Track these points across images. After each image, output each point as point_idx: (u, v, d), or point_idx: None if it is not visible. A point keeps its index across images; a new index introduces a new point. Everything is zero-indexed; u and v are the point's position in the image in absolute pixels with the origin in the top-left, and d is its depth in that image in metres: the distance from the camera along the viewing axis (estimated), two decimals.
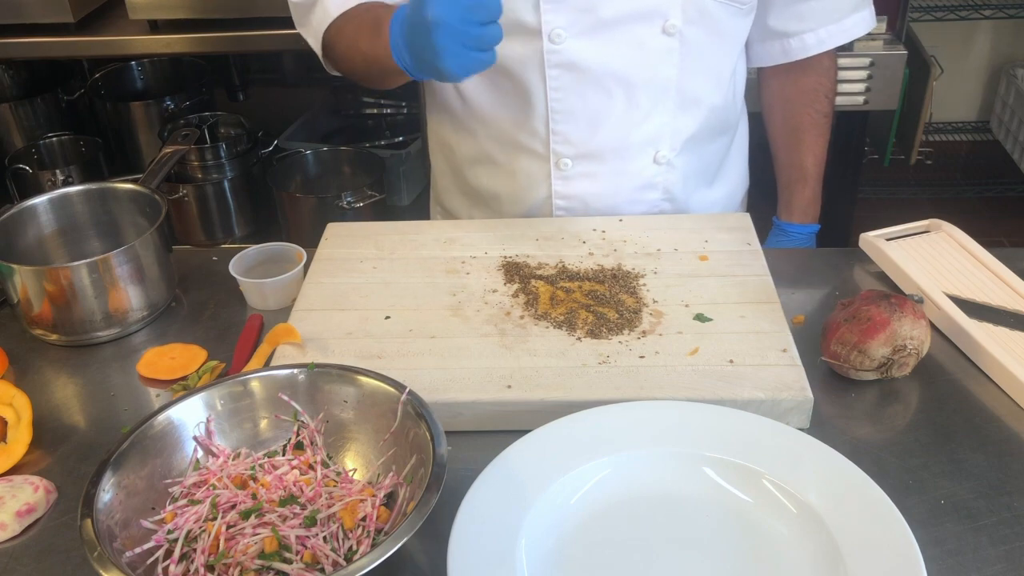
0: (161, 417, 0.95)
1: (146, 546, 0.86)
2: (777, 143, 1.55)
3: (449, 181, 1.53)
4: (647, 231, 1.32)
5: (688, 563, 0.88)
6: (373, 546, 0.85)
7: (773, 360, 1.06)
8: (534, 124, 1.35)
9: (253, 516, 0.88)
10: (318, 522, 0.88)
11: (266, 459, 0.97)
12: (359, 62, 1.27)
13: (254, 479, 0.94)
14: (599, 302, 1.17)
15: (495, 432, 1.01)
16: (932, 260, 1.25)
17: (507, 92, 1.35)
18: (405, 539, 0.80)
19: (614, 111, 1.33)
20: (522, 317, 1.15)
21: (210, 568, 0.85)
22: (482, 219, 1.42)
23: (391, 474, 0.94)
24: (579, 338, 1.11)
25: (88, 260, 1.17)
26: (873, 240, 1.30)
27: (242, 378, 1.00)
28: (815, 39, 1.43)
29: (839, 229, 2.84)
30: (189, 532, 0.88)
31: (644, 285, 1.20)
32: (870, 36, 2.39)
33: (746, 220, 1.34)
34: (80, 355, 1.20)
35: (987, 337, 1.11)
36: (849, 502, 0.89)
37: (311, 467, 0.96)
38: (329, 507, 0.90)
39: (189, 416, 0.97)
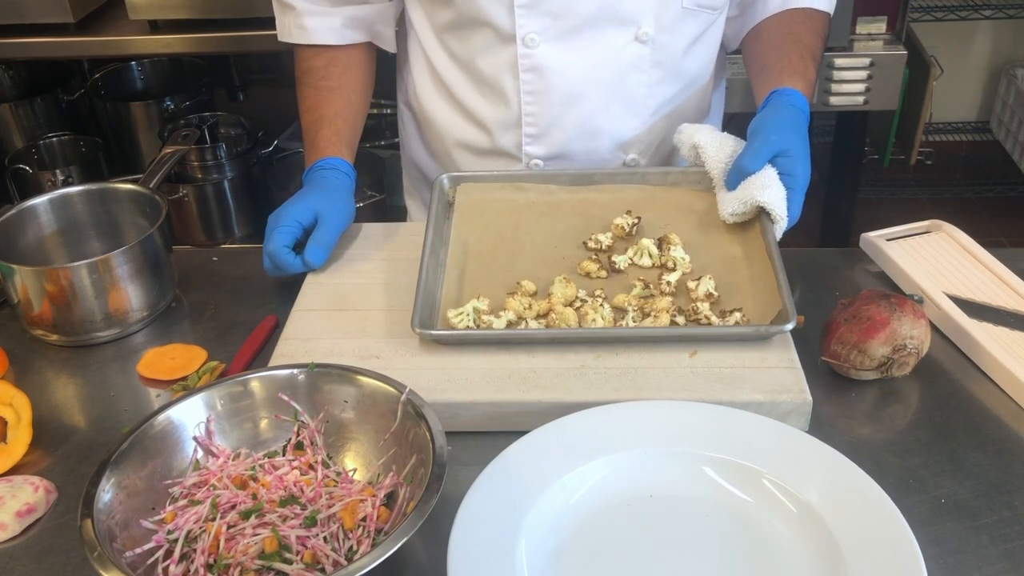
0: (161, 417, 0.95)
1: (146, 546, 0.86)
2: (765, 42, 1.38)
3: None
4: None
5: (688, 563, 0.88)
6: (373, 546, 0.85)
7: (772, 363, 1.06)
8: (508, 127, 1.37)
9: (253, 516, 0.88)
10: (318, 522, 0.88)
11: (266, 459, 0.97)
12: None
13: (254, 479, 0.94)
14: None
15: (494, 433, 1.01)
16: (932, 260, 1.25)
17: (485, 95, 1.37)
18: (405, 539, 0.80)
19: (585, 116, 1.35)
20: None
21: (210, 568, 0.85)
22: None
23: (391, 474, 0.94)
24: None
25: (88, 260, 1.17)
26: (874, 240, 1.29)
27: (242, 378, 1.00)
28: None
29: (839, 229, 2.84)
30: (189, 532, 0.88)
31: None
32: (870, 36, 2.39)
33: None
34: (80, 355, 1.20)
35: (987, 337, 1.11)
36: (849, 502, 0.89)
37: (311, 467, 0.96)
38: (329, 507, 0.90)
39: (189, 416, 0.97)
